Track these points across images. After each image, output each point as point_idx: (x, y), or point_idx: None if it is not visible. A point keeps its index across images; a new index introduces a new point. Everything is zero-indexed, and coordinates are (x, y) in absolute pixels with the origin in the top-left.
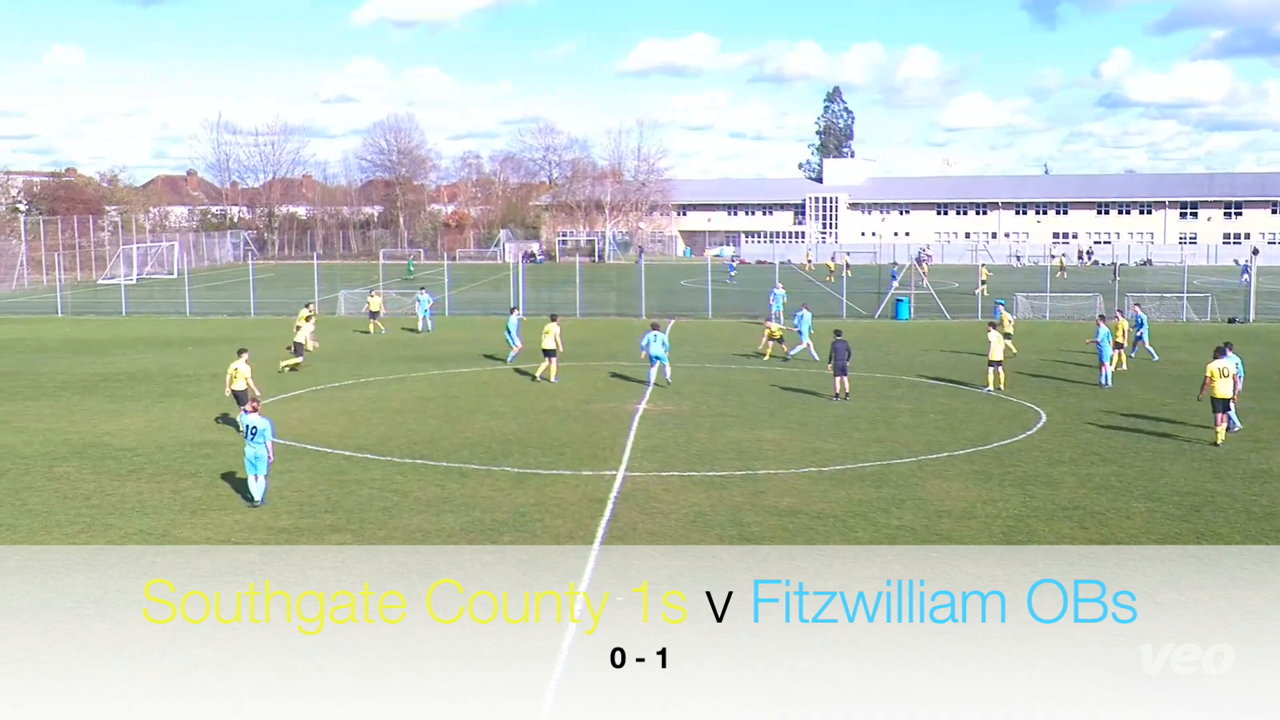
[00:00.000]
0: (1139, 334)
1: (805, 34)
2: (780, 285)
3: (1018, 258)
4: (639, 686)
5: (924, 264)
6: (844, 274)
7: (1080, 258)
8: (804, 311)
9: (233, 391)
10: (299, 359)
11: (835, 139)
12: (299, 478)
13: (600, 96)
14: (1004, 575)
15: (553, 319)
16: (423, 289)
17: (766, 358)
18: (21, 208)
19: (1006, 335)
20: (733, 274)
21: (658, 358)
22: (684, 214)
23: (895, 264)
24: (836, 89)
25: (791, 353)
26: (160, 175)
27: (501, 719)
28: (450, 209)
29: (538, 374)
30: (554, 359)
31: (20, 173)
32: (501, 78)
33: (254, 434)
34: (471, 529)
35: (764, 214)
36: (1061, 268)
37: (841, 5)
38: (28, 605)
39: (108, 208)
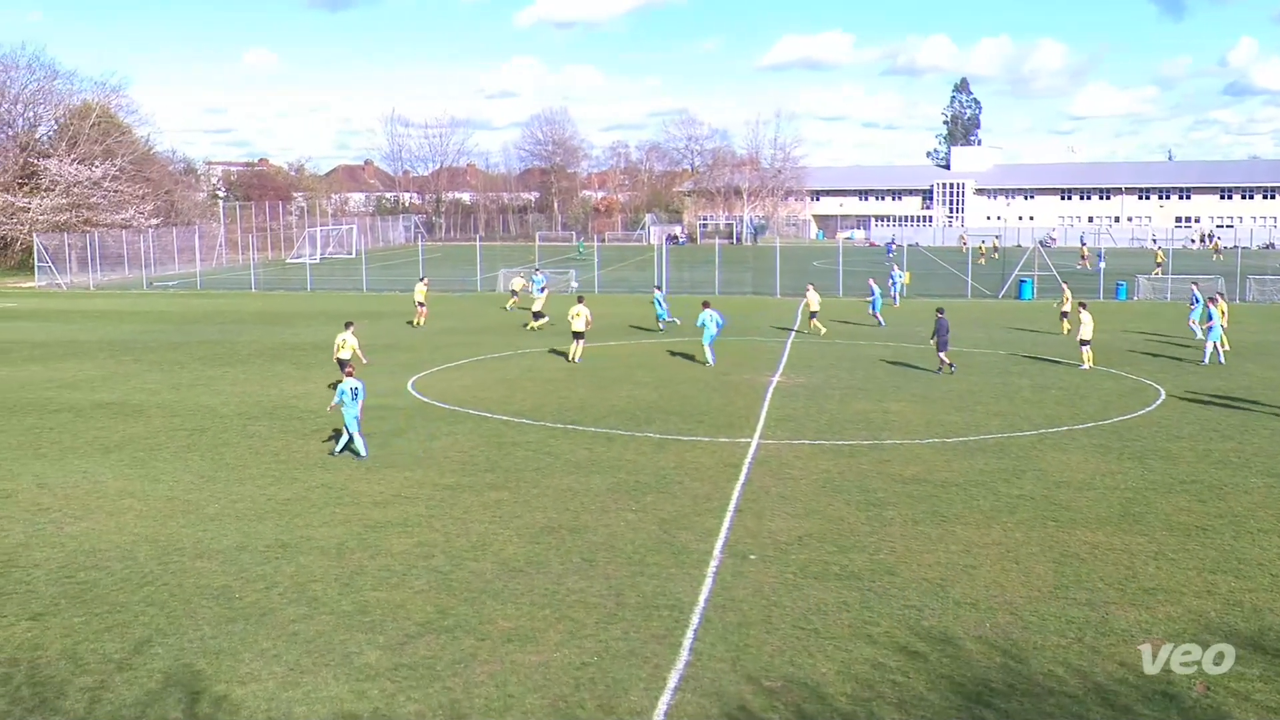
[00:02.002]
0: (1193, 316)
1: (937, 28)
2: (897, 267)
3: (1154, 240)
4: (770, 636)
5: (1084, 249)
6: (993, 256)
7: (1201, 241)
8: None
9: (338, 359)
10: (543, 319)
11: (962, 128)
12: (462, 440)
13: (740, 90)
14: (1120, 545)
15: (580, 300)
16: (537, 270)
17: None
18: (221, 194)
19: (1063, 314)
20: (890, 255)
21: (711, 335)
22: (817, 199)
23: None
24: (964, 80)
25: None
26: (341, 165)
27: (643, 663)
28: (600, 195)
29: (570, 356)
30: (581, 341)
31: (220, 163)
32: (650, 73)
33: (355, 395)
34: (617, 489)
35: (893, 199)
36: (1159, 263)
37: (973, 1)
38: (225, 548)
39: (295, 194)
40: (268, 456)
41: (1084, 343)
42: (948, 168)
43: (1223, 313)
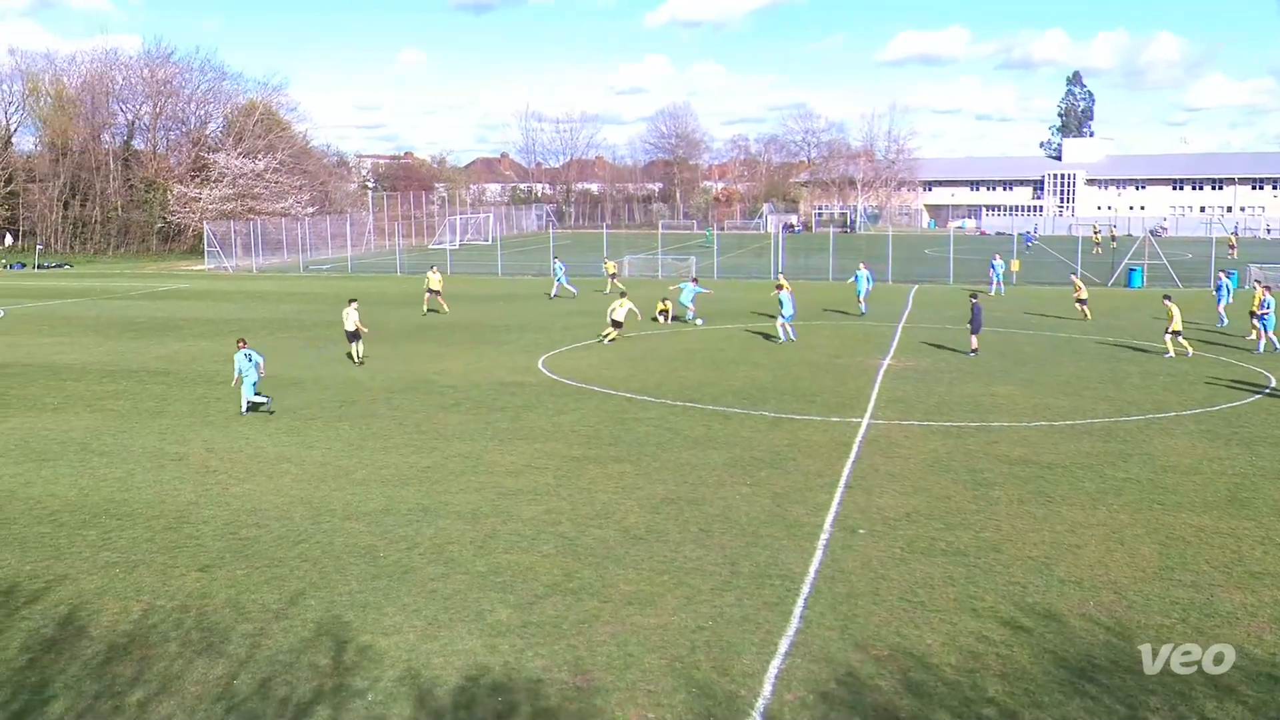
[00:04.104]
0: (1221, 303)
1: (1053, 23)
2: (998, 256)
3: (1233, 229)
4: (877, 607)
5: (1096, 233)
6: (1110, 244)
7: None
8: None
9: (346, 331)
10: (617, 330)
11: (1075, 120)
12: (588, 415)
13: (858, 84)
14: (1227, 529)
15: (622, 296)
16: (556, 258)
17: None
18: (370, 185)
19: (1080, 302)
20: (1029, 245)
21: (789, 315)
22: (929, 189)
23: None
24: (1077, 73)
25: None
26: (479, 158)
27: (756, 629)
28: (720, 185)
29: (605, 339)
30: (619, 329)
31: (369, 156)
32: (771, 69)
33: (250, 359)
34: (733, 464)
35: (1004, 189)
36: (1232, 246)
37: None
38: (371, 511)
39: (437, 185)
40: (410, 427)
41: (1175, 333)
42: (1059, 159)
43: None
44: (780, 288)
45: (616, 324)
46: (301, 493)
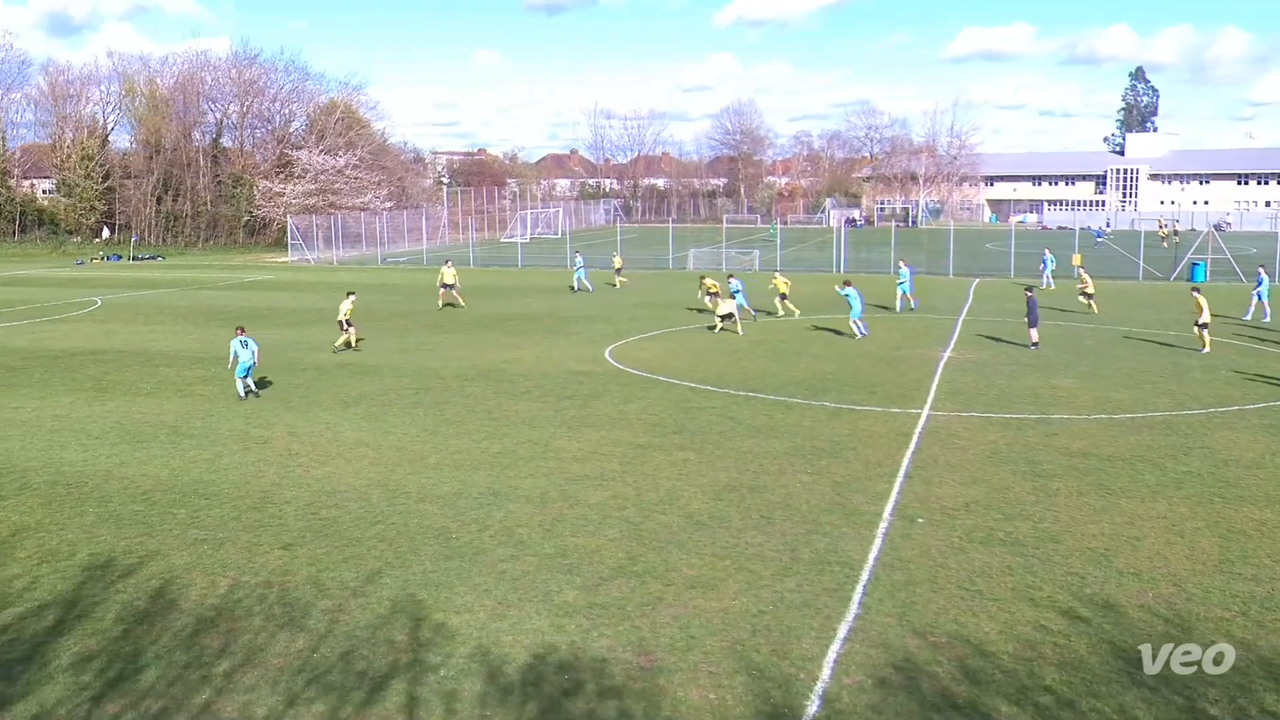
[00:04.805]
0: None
1: (1118, 18)
2: (1048, 250)
3: None
4: (935, 595)
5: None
6: (1174, 238)
7: None
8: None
9: (339, 321)
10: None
11: (1138, 115)
12: (653, 404)
13: (921, 80)
14: None
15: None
16: (578, 254)
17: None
18: (445, 181)
19: (1088, 295)
20: (1099, 240)
21: (858, 312)
22: (991, 184)
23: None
24: (1140, 69)
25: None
26: (550, 154)
27: (815, 614)
28: (783, 181)
29: (717, 326)
30: (731, 321)
31: (444, 153)
32: (836, 66)
33: (245, 345)
34: (794, 453)
35: (1066, 184)
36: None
37: None
38: (444, 494)
39: (509, 180)
40: (482, 414)
41: (1202, 326)
42: (1122, 154)
43: None
44: (848, 284)
45: (727, 316)
46: (378, 476)
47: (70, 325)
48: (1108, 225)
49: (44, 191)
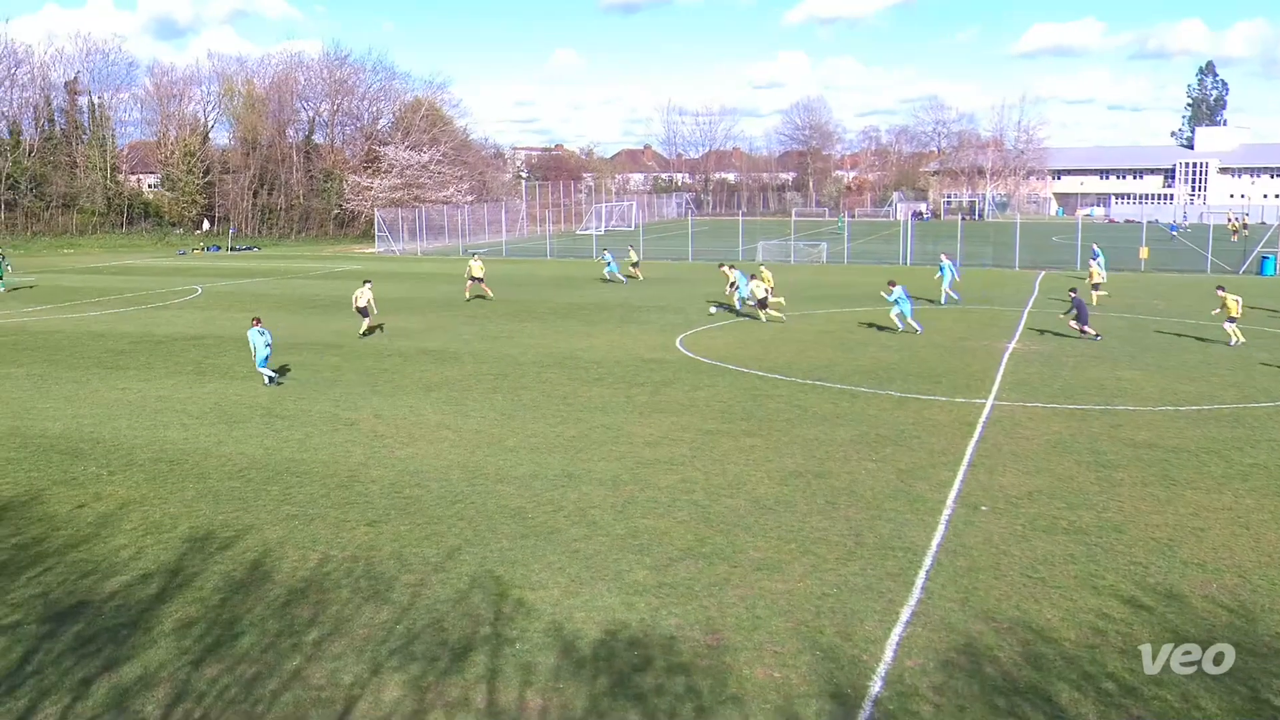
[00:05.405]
0: None
1: (1190, 13)
2: (1096, 245)
3: None
4: (998, 581)
5: (1231, 221)
6: (1243, 232)
7: None
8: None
9: (357, 308)
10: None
11: (1208, 109)
12: (722, 391)
13: (989, 76)
14: None
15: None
16: (605, 249)
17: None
18: (523, 175)
19: (1094, 286)
20: (1175, 234)
21: (906, 310)
22: (1058, 178)
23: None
24: (1210, 63)
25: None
26: (624, 149)
27: (878, 597)
28: (851, 175)
29: (765, 317)
30: (766, 306)
31: (523, 148)
32: (904, 63)
33: (262, 334)
34: (859, 440)
35: (1134, 178)
36: None
37: None
38: (521, 475)
39: (584, 175)
40: (557, 399)
41: (1231, 320)
42: (1191, 147)
43: None
44: (893, 284)
45: (761, 303)
46: (459, 457)
47: (173, 312)
48: (1184, 219)
49: (149, 186)
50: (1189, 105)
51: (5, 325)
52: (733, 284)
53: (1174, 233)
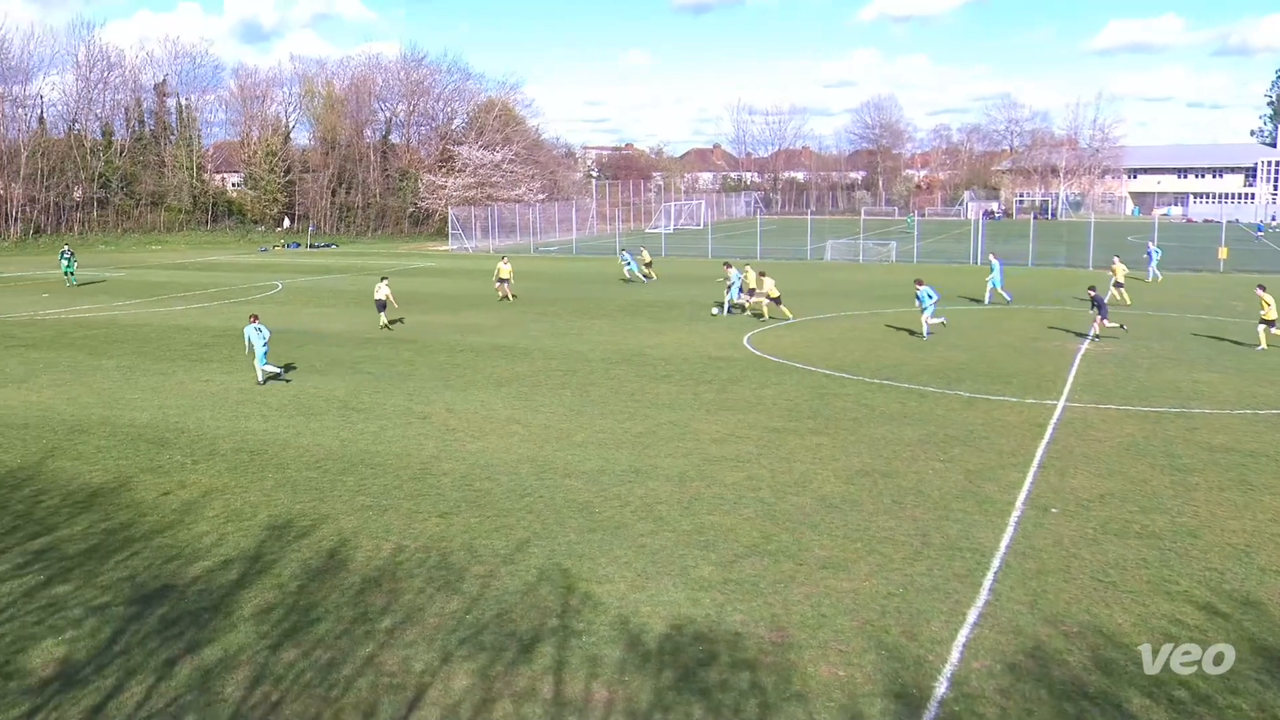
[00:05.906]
0: None
1: (1275, 8)
2: (1152, 242)
3: None
4: (1068, 584)
5: None
6: None
7: None
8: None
9: (375, 300)
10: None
11: None
12: (789, 389)
13: (1064, 73)
14: None
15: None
16: (624, 249)
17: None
18: (594, 174)
19: (1118, 284)
20: (1260, 235)
21: (929, 310)
22: (1134, 176)
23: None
24: None
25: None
26: (693, 148)
27: (945, 598)
28: (922, 174)
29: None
30: (781, 303)
31: (593, 148)
32: (977, 61)
33: (260, 332)
34: (927, 441)
35: (1214, 177)
36: None
37: None
38: (588, 470)
39: (654, 174)
40: (625, 396)
41: (1268, 323)
42: (1274, 145)
43: None
44: (920, 284)
45: (776, 300)
46: (528, 451)
47: (254, 307)
48: (1273, 219)
49: (233, 185)
50: (1271, 103)
51: (97, 319)
52: (728, 281)
53: (1259, 233)
